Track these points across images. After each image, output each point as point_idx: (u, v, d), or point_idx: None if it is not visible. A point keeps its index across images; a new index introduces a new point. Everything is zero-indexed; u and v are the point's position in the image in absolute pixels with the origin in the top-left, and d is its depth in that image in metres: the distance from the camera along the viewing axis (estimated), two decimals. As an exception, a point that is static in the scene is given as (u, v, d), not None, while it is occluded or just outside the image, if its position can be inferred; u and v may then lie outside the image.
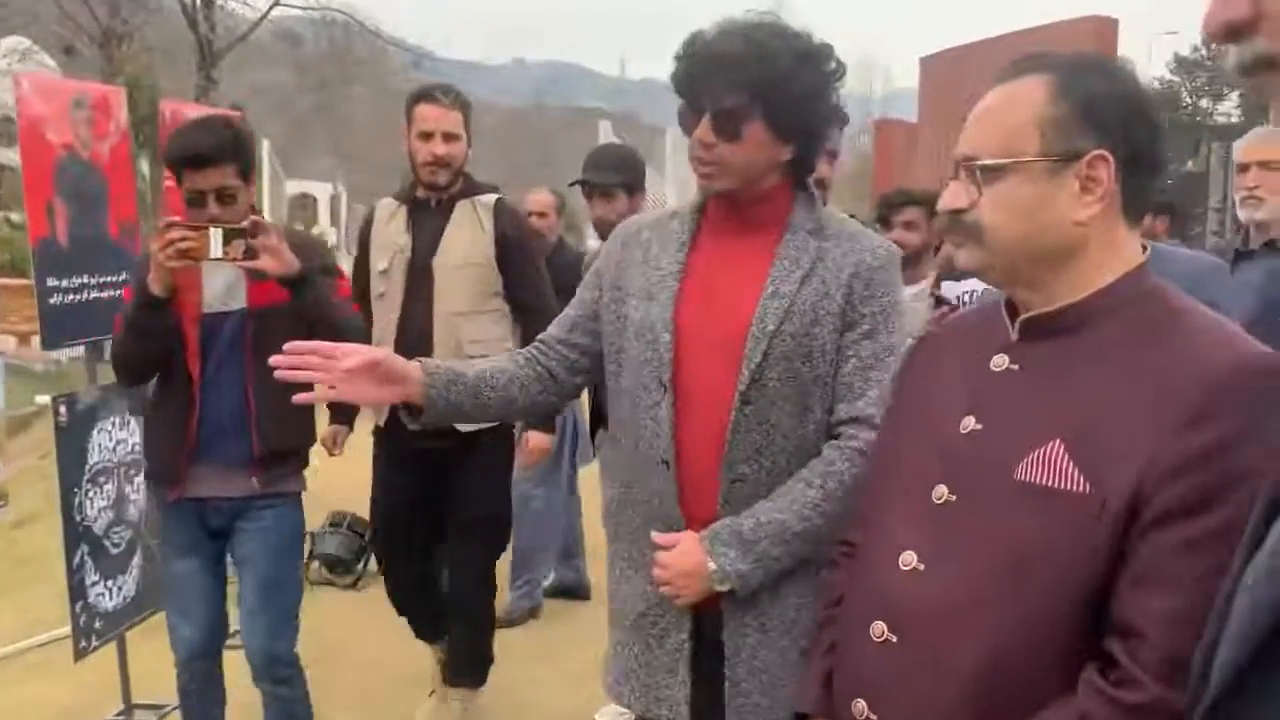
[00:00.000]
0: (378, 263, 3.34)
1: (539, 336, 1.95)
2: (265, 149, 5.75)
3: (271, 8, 15.42)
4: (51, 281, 3.35)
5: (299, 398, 1.73)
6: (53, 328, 3.39)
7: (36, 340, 18.11)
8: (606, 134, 13.79)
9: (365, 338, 2.92)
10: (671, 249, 1.75)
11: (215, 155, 2.63)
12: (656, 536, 1.66)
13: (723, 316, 1.67)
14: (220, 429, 2.76)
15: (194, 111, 4.28)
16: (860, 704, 1.25)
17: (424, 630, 3.69)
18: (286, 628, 2.90)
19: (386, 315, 3.29)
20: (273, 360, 1.68)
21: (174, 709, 3.74)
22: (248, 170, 2.72)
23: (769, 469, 1.65)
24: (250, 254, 2.58)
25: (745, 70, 1.59)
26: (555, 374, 1.88)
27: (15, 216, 20.34)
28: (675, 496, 1.70)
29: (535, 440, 3.46)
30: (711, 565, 1.60)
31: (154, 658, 4.08)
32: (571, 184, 3.51)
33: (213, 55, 12.80)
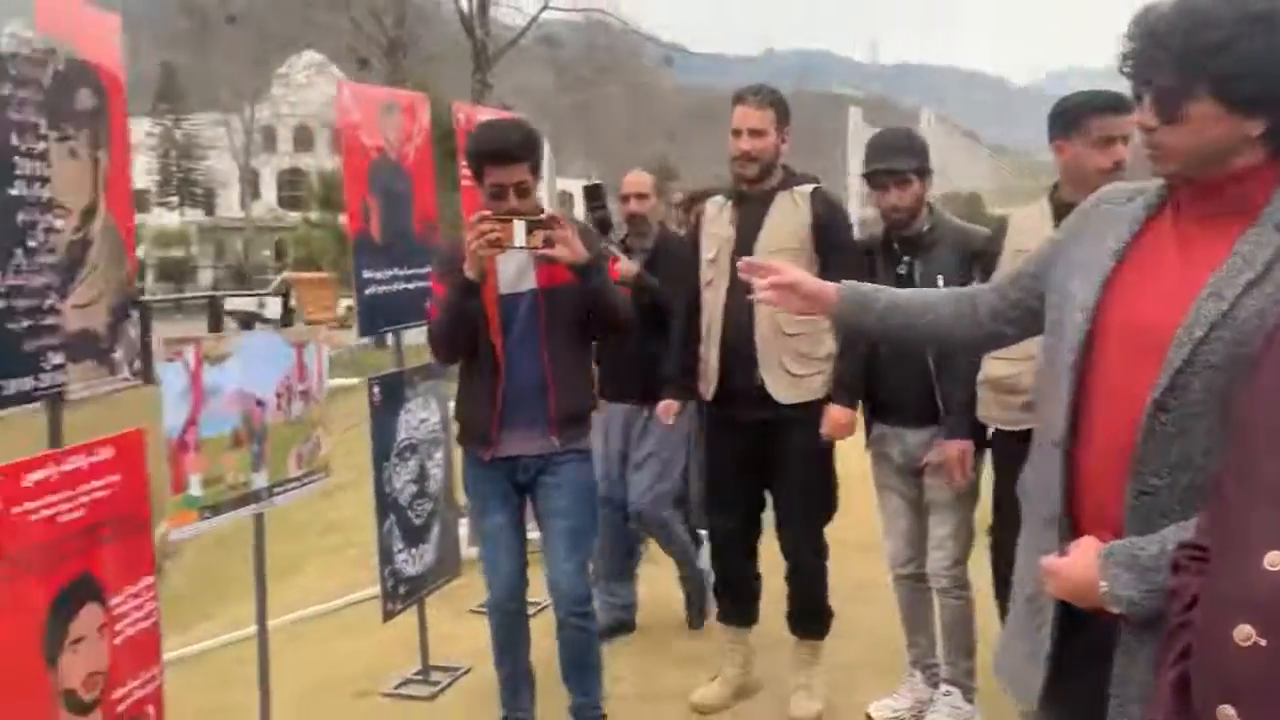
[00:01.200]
0: (706, 252, 3.56)
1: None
2: (545, 147, 6.00)
3: (542, 9, 16.12)
4: (367, 274, 3.68)
5: (760, 297, 2.04)
6: (367, 316, 3.72)
7: (330, 329, 19.94)
8: (856, 121, 13.46)
9: (630, 317, 3.18)
10: (1121, 228, 1.64)
11: (517, 152, 2.97)
12: (1044, 562, 1.59)
13: (1151, 310, 1.54)
14: (522, 395, 3.08)
15: (485, 114, 4.56)
16: (1228, 710, 1.17)
17: (733, 608, 3.77)
18: (586, 571, 3.22)
19: (714, 300, 3.51)
20: (740, 266, 2.07)
21: (465, 672, 4.03)
22: (537, 167, 3.04)
23: (1185, 488, 1.49)
24: (547, 243, 2.84)
25: (1177, 44, 1.45)
26: (979, 315, 1.91)
27: (314, 215, 22.57)
28: (1061, 485, 1.62)
29: (835, 414, 3.48)
30: (1103, 585, 1.49)
31: (449, 622, 4.42)
32: (863, 174, 3.45)
33: (488, 60, 13.60)
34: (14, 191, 2.18)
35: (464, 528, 4.38)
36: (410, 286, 3.89)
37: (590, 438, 3.27)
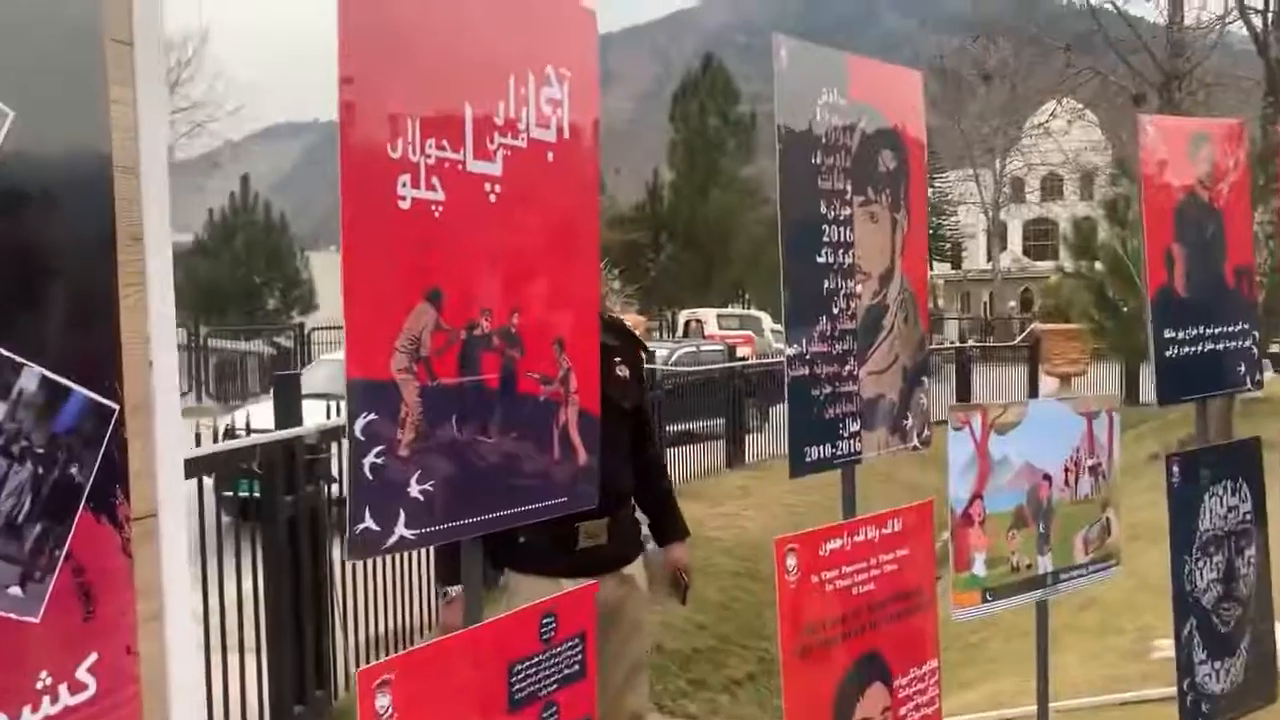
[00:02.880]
0: None
1: None
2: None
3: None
4: (1168, 333, 3.17)
5: None
6: (1167, 381, 3.20)
7: (1076, 383, 18.97)
8: None
9: None
10: None
11: None
12: None
13: None
14: None
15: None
16: None
17: None
18: None
19: None
20: None
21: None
22: None
23: None
24: None
25: None
26: None
27: (1067, 265, 21.89)
28: None
29: None
30: None
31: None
32: None
33: (1282, 79, 11.80)
34: (820, 259, 2.19)
35: (1280, 641, 3.58)
36: (1219, 347, 3.27)
37: None
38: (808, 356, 2.16)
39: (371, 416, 1.48)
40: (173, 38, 30.11)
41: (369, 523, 1.48)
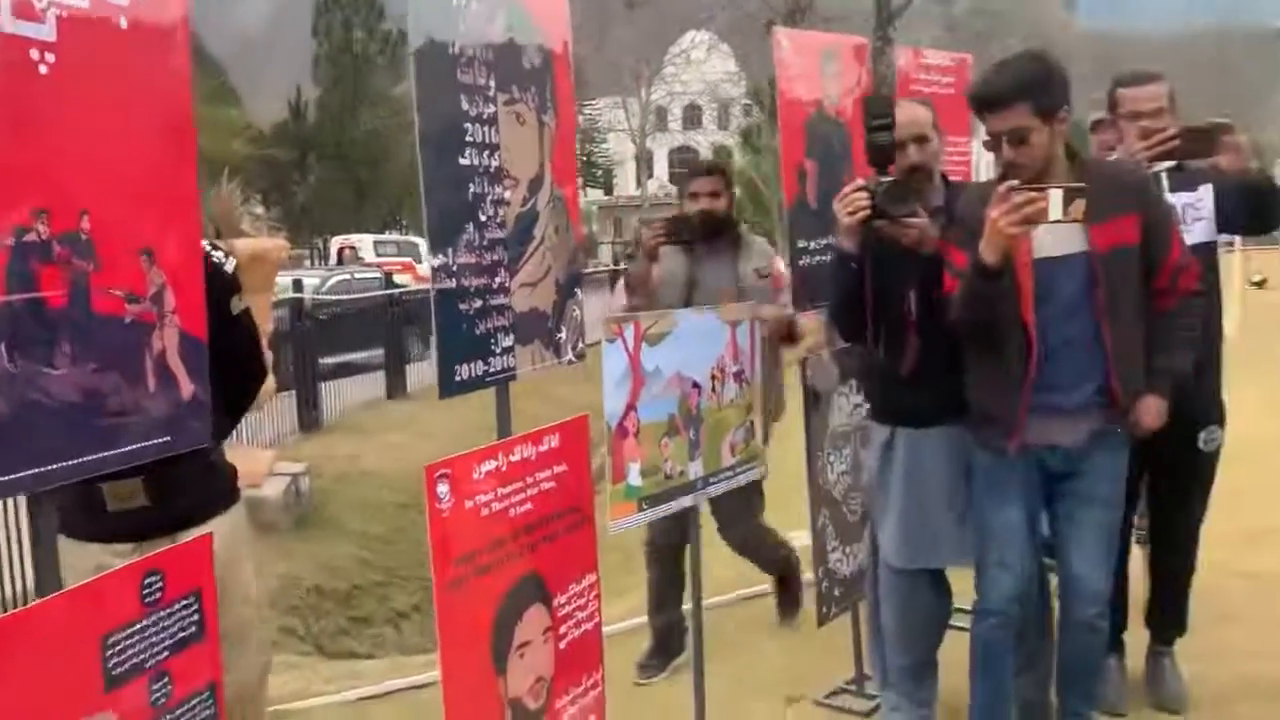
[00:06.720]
0: None
1: None
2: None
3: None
4: (802, 243, 3.31)
5: None
6: (803, 288, 3.36)
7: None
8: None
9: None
10: None
11: (1006, 96, 2.50)
12: None
13: None
14: (1059, 374, 2.59)
15: (935, 56, 4.05)
16: None
17: None
18: (1109, 570, 2.83)
19: None
20: None
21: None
22: (1049, 108, 2.49)
23: None
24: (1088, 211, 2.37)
25: None
26: None
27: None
28: None
29: None
30: None
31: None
32: None
33: (889, 16, 12.93)
34: (464, 161, 2.02)
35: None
36: (846, 256, 3.47)
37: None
38: (454, 268, 1.99)
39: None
40: None
41: (-120, 483, 1.15)
